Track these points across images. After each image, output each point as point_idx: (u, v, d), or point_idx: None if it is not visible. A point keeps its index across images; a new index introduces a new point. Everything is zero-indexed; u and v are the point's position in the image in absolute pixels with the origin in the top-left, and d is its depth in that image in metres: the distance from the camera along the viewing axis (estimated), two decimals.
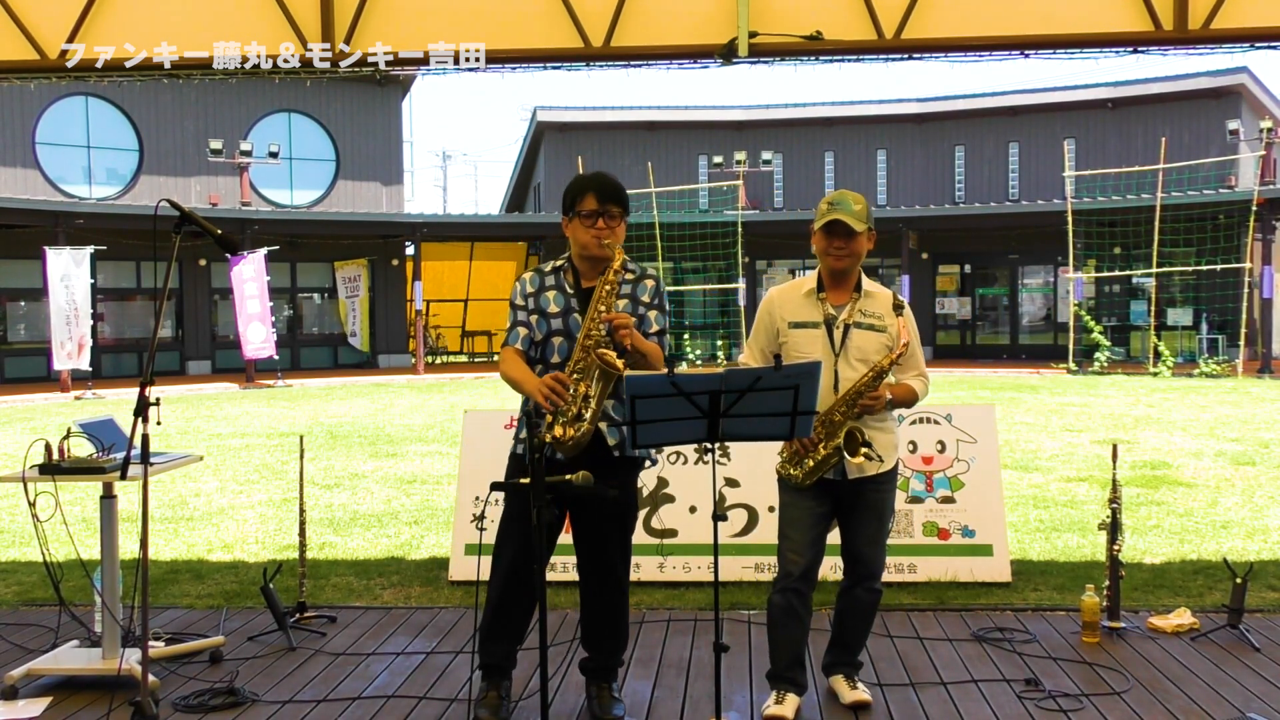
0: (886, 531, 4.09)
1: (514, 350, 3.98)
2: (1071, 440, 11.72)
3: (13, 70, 5.64)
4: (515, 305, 4.02)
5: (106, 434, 4.67)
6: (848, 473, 3.90)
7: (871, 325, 3.92)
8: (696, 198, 28.08)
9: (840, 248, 3.88)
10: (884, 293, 4.04)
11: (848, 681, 4.14)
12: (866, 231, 3.91)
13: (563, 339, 3.93)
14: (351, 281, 26.67)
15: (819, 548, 4.00)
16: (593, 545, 4.04)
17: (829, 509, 4.00)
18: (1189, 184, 24.46)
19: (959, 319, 28.23)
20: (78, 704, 4.25)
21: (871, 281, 4.06)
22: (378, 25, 5.44)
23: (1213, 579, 5.86)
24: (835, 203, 3.92)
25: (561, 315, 3.94)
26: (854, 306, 3.93)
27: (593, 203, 3.91)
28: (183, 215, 3.91)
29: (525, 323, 3.98)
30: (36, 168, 23.62)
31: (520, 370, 3.93)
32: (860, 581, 4.05)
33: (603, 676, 4.13)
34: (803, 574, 3.96)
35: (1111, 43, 5.34)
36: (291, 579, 5.68)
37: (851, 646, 4.18)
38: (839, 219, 3.85)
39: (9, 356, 22.53)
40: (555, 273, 4.02)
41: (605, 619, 4.09)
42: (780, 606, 4.00)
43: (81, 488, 8.26)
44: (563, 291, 3.97)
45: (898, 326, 3.90)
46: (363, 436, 12.92)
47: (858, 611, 4.11)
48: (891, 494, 4.07)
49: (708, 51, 5.35)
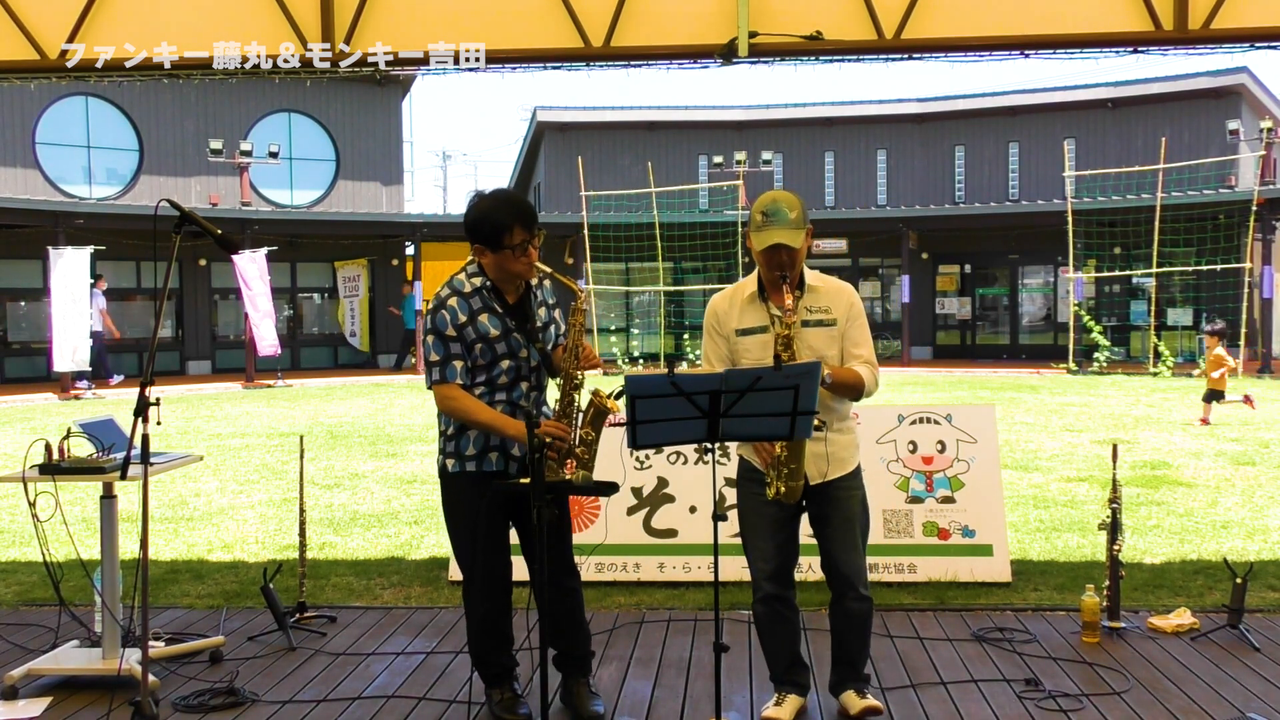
0: (862, 536, 3.96)
1: (457, 386, 3.84)
2: (1071, 440, 11.72)
3: (13, 70, 5.64)
4: (446, 337, 3.84)
5: (106, 434, 4.67)
6: (810, 478, 3.83)
7: (820, 320, 3.83)
8: (696, 198, 28.06)
9: (785, 264, 3.73)
10: (828, 284, 3.91)
11: (857, 694, 4.00)
12: (805, 233, 3.78)
13: (509, 361, 3.90)
14: (351, 281, 26.67)
15: (787, 550, 3.93)
16: (550, 541, 3.98)
17: (791, 513, 3.90)
18: (1189, 184, 24.44)
19: (959, 319, 28.22)
20: (78, 704, 4.25)
21: (814, 274, 3.93)
22: (378, 25, 5.44)
23: (1213, 579, 5.86)
24: (770, 214, 3.75)
25: (503, 338, 3.89)
26: (799, 305, 3.80)
27: (522, 234, 3.81)
28: (183, 215, 3.91)
29: (460, 354, 3.85)
30: (36, 168, 23.60)
31: (485, 409, 3.84)
32: (845, 593, 3.91)
33: (580, 670, 4.15)
34: (774, 577, 3.90)
35: (1111, 43, 5.34)
36: (291, 579, 5.68)
37: (854, 663, 4.04)
38: (779, 243, 3.71)
39: (9, 356, 22.52)
40: (478, 294, 3.89)
41: (575, 611, 4.13)
42: (763, 615, 3.96)
43: (81, 488, 8.26)
44: (494, 314, 3.90)
45: (844, 312, 3.82)
46: (363, 436, 12.92)
47: (852, 625, 3.97)
48: (859, 496, 3.95)
49: (708, 51, 5.35)
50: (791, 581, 3.98)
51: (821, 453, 3.84)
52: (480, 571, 3.97)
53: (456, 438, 3.97)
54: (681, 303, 27.44)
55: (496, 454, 3.95)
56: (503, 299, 3.93)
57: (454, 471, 3.99)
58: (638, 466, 5.92)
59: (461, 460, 3.96)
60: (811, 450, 3.80)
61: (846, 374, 3.79)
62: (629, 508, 5.93)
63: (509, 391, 3.93)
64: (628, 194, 24.79)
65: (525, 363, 3.94)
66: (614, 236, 24.23)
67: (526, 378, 3.96)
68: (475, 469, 3.95)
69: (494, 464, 3.96)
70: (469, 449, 3.95)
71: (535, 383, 4.00)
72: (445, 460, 4.01)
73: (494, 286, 3.92)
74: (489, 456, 3.95)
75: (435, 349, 3.86)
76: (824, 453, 3.85)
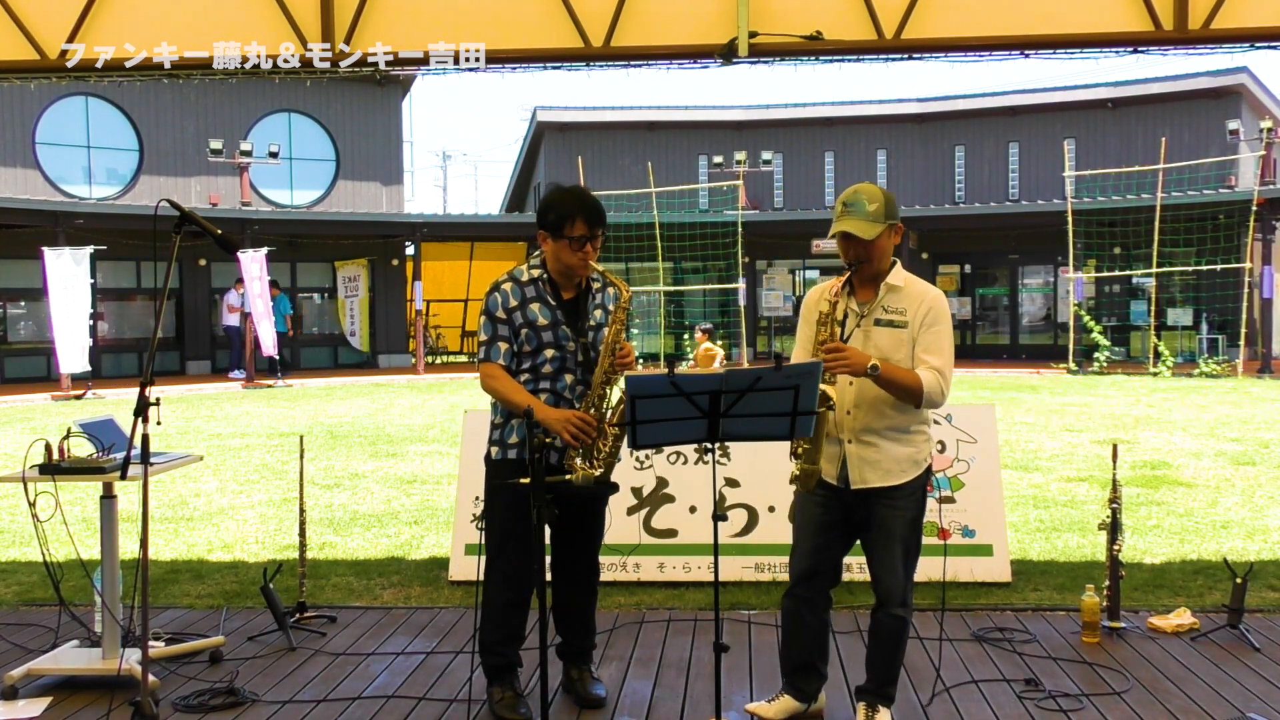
0: (904, 556, 3.76)
1: (499, 366, 3.93)
2: (1071, 440, 11.72)
3: (13, 70, 5.64)
4: (495, 318, 3.95)
5: (106, 434, 4.67)
6: (850, 481, 3.74)
7: (891, 321, 3.69)
8: (696, 198, 28.06)
9: (853, 254, 3.67)
10: (913, 286, 3.76)
11: (867, 709, 3.85)
12: (886, 229, 3.66)
13: (555, 351, 3.94)
14: (351, 281, 26.67)
15: (825, 555, 3.84)
16: (576, 537, 4.12)
17: (838, 518, 3.81)
18: (1189, 184, 24.44)
19: (959, 319, 28.22)
20: (78, 704, 4.25)
21: (905, 274, 3.78)
22: (378, 25, 5.44)
23: (1213, 579, 5.86)
24: (850, 204, 3.68)
25: (551, 328, 3.94)
26: (877, 302, 3.73)
27: (583, 228, 3.91)
28: (183, 215, 3.91)
29: (507, 337, 3.94)
30: (36, 168, 23.60)
31: (521, 391, 3.90)
32: (880, 607, 3.80)
33: (583, 659, 4.26)
34: (804, 579, 3.86)
35: (1111, 43, 5.34)
36: (291, 579, 5.68)
37: (876, 674, 3.87)
38: (847, 232, 3.65)
39: (9, 356, 22.51)
40: (534, 284, 3.98)
41: (586, 605, 4.24)
42: (787, 611, 3.95)
43: (81, 488, 8.26)
44: (546, 304, 3.96)
45: (919, 316, 3.69)
46: (363, 436, 12.91)
47: (878, 637, 3.84)
48: (907, 514, 3.76)
49: (708, 51, 5.35)
50: (823, 589, 3.89)
51: (865, 457, 3.72)
52: (505, 562, 4.00)
53: (503, 426, 4.04)
54: (682, 303, 27.44)
55: None
56: (558, 293, 3.99)
57: (497, 459, 4.05)
58: (638, 466, 5.92)
59: (504, 448, 4.03)
60: (855, 453, 3.71)
61: (901, 373, 3.61)
62: (629, 508, 5.93)
63: (553, 381, 3.97)
64: (628, 194, 24.79)
65: (571, 356, 3.97)
66: (614, 236, 24.18)
67: (572, 370, 3.99)
68: (516, 456, 3.99)
69: None
70: (511, 437, 4.02)
71: (580, 377, 4.02)
72: (490, 447, 4.10)
73: (551, 280, 3.99)
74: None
75: (484, 329, 3.98)
76: (868, 458, 3.72)
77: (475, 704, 4.11)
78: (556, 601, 4.18)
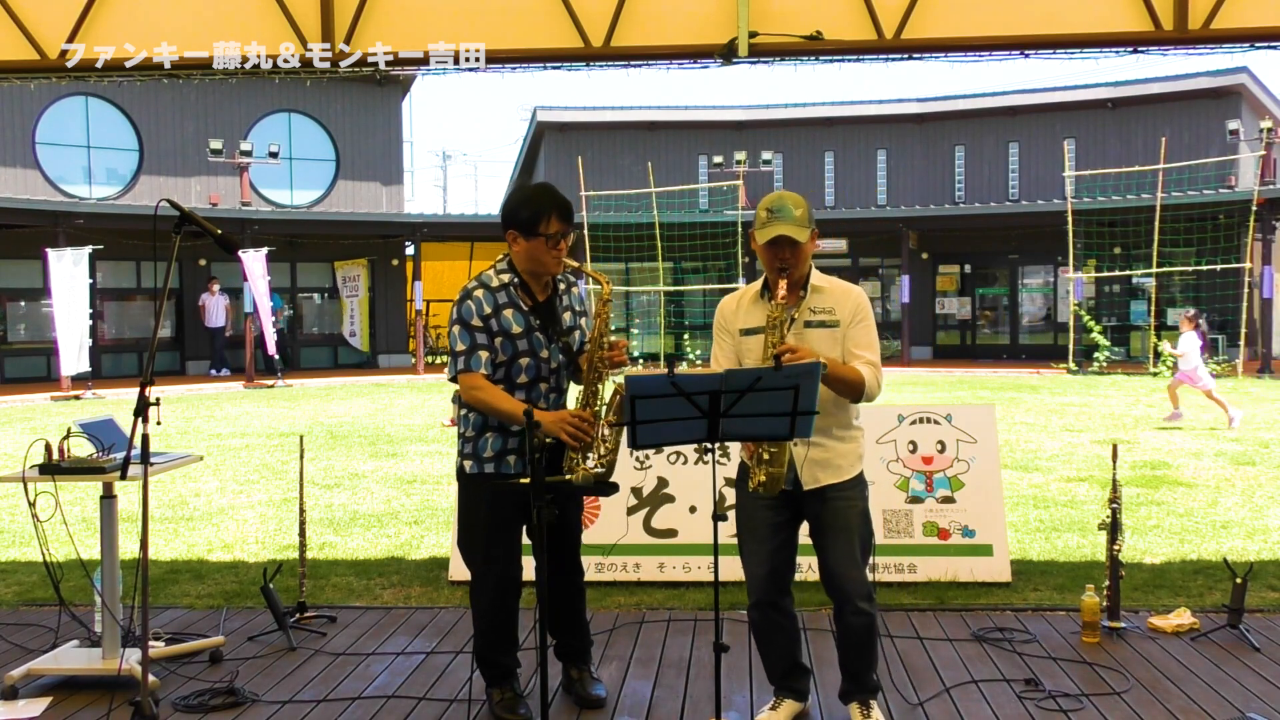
0: (863, 549, 3.80)
1: (482, 376, 3.84)
2: (1071, 440, 11.72)
3: (13, 70, 5.64)
4: (472, 326, 3.84)
5: (106, 434, 4.67)
6: (801, 483, 3.75)
7: (823, 321, 3.76)
8: (696, 198, 28.06)
9: (786, 258, 3.69)
10: (835, 286, 3.83)
11: (861, 708, 3.87)
12: (810, 235, 3.74)
13: (529, 359, 3.90)
14: (351, 281, 26.67)
15: (783, 555, 3.85)
16: (562, 537, 4.09)
17: (788, 518, 3.82)
18: (1189, 184, 24.44)
19: (959, 319, 28.22)
20: (78, 704, 4.25)
21: (823, 276, 3.87)
22: (378, 25, 5.44)
23: (1213, 579, 5.86)
24: (775, 210, 3.70)
25: (525, 335, 3.89)
26: (804, 304, 3.77)
27: (558, 225, 3.84)
28: (183, 215, 3.91)
29: (486, 345, 3.85)
30: (36, 168, 23.59)
31: (510, 399, 3.83)
32: (844, 606, 3.77)
33: (581, 659, 4.25)
34: (769, 584, 3.84)
35: (1111, 43, 5.34)
36: (291, 579, 5.68)
37: (856, 675, 3.89)
38: (782, 234, 3.67)
39: (9, 356, 22.51)
40: (505, 290, 3.90)
41: (578, 603, 4.23)
42: (759, 621, 3.92)
43: (81, 488, 8.26)
44: (519, 310, 3.90)
45: (849, 314, 3.76)
46: (363, 436, 12.92)
47: (850, 639, 3.83)
48: (858, 505, 3.81)
49: (708, 51, 5.35)
50: (787, 588, 3.91)
51: (816, 458, 3.76)
52: (493, 573, 3.98)
53: (475, 439, 3.96)
54: (681, 303, 27.44)
55: (514, 457, 3.94)
56: (530, 295, 3.93)
57: (472, 473, 3.98)
58: (638, 466, 5.92)
59: (480, 462, 3.96)
60: (807, 455, 3.75)
61: (845, 370, 3.68)
62: (629, 507, 5.93)
63: (528, 391, 3.92)
64: (628, 194, 24.79)
65: (545, 363, 3.93)
66: (614, 236, 24.22)
67: (546, 378, 3.95)
68: (493, 471, 3.94)
69: (512, 467, 3.95)
70: (487, 451, 3.95)
71: (555, 385, 3.99)
72: (463, 461, 4.01)
73: (522, 283, 3.93)
74: (507, 459, 3.95)
75: (461, 338, 3.86)
76: (818, 458, 3.76)
77: (475, 704, 4.11)
78: (550, 603, 4.16)
